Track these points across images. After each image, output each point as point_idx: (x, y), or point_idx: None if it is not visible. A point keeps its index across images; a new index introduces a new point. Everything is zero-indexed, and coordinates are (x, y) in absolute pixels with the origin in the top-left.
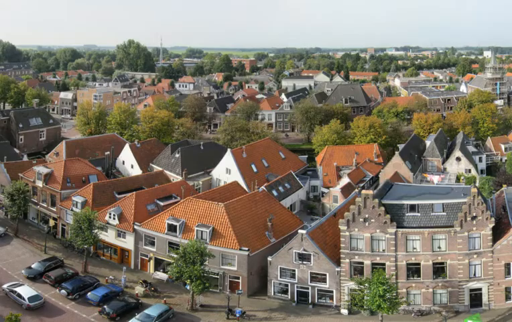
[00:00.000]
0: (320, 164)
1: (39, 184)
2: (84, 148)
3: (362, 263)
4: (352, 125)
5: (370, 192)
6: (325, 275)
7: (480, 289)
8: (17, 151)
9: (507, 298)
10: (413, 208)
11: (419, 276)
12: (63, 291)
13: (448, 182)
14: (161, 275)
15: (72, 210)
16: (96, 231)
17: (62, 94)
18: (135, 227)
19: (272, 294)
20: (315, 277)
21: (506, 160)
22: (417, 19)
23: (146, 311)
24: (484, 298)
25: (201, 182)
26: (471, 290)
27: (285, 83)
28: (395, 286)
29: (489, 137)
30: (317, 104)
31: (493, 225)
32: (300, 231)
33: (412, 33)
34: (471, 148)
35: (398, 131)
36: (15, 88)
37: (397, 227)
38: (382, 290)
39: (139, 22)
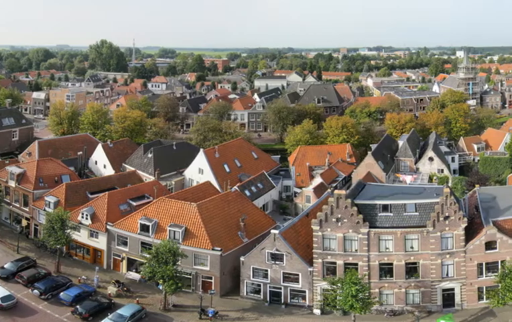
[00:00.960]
0: (292, 164)
1: (12, 184)
2: (56, 148)
3: (334, 263)
4: (325, 125)
5: (343, 192)
6: (297, 275)
7: (453, 289)
8: None
9: (480, 298)
10: (385, 208)
11: (391, 276)
12: (35, 291)
13: (421, 182)
14: (134, 275)
15: (44, 210)
16: (68, 231)
17: (35, 94)
18: (108, 227)
19: (245, 294)
20: (288, 277)
21: (478, 160)
22: (389, 19)
23: (119, 311)
24: (457, 298)
25: (173, 182)
26: (444, 290)
27: (258, 83)
28: (367, 286)
29: (462, 137)
30: (290, 104)
31: (466, 225)
32: (273, 231)
33: (385, 33)
34: (444, 148)
35: (371, 131)
36: None
37: (370, 227)
38: (354, 290)
39: (111, 22)
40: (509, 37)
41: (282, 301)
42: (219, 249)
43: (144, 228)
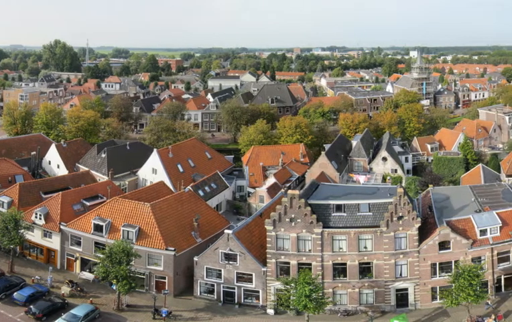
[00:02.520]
0: (246, 164)
1: None
2: (10, 148)
3: (288, 263)
4: (279, 125)
5: (297, 192)
6: (251, 275)
7: (407, 289)
8: None
9: (433, 298)
10: (339, 208)
11: (345, 276)
12: None
13: (374, 182)
14: (88, 275)
15: None
16: (22, 231)
17: None
18: (61, 227)
19: (198, 294)
20: (242, 277)
21: (432, 160)
22: (343, 19)
23: (72, 311)
24: (411, 298)
25: (127, 182)
26: (397, 290)
27: (212, 83)
28: (321, 286)
29: (415, 137)
30: (244, 104)
31: (419, 225)
32: (226, 231)
33: (338, 34)
34: (397, 148)
35: (324, 131)
36: None
37: (323, 227)
38: (308, 290)
39: (65, 22)
40: (463, 38)
41: (236, 301)
42: (173, 249)
43: (98, 228)
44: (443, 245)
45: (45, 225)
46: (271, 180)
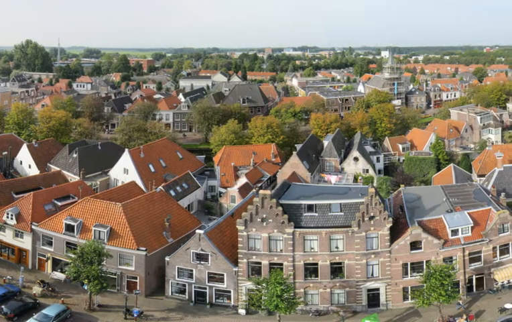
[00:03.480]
0: (217, 164)
1: None
2: None
3: (259, 263)
4: (250, 125)
5: (268, 192)
6: (223, 275)
7: (378, 289)
8: None
9: (405, 298)
10: (310, 208)
11: (316, 276)
12: None
13: (346, 182)
14: (59, 275)
15: None
16: None
17: None
18: (33, 227)
19: (170, 294)
20: (213, 277)
21: (403, 160)
22: (314, 19)
23: (44, 311)
24: (382, 298)
25: (99, 182)
26: (369, 290)
27: (183, 83)
28: (292, 286)
29: (387, 137)
30: (215, 104)
31: (391, 225)
32: (198, 231)
33: (310, 34)
34: (369, 148)
35: (296, 131)
36: None
37: (295, 227)
38: (279, 290)
39: (36, 22)
40: (434, 38)
41: (207, 301)
42: (144, 249)
43: (69, 228)
44: (414, 245)
45: (17, 225)
46: (243, 180)
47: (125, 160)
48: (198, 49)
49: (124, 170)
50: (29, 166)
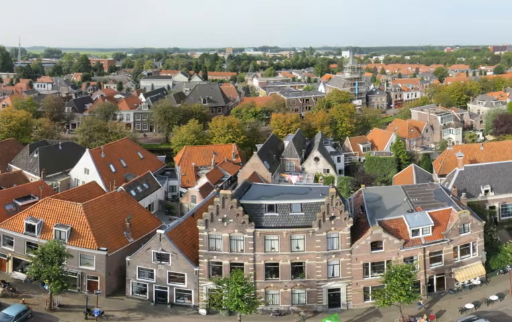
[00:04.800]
0: (178, 164)
1: None
2: None
3: (220, 263)
4: (211, 125)
5: (229, 192)
6: (183, 275)
7: (339, 289)
8: None
9: (365, 298)
10: (271, 208)
11: (277, 276)
12: None
13: (307, 182)
14: (20, 275)
15: None
16: None
17: None
18: None
19: (130, 294)
20: (174, 277)
21: (364, 160)
22: (275, 19)
23: (4, 311)
24: (343, 298)
25: (59, 182)
26: (329, 290)
27: (144, 83)
28: (253, 286)
29: (347, 137)
30: (176, 104)
31: (351, 225)
32: (158, 231)
33: (270, 33)
34: (329, 148)
35: (256, 131)
36: None
37: (256, 227)
38: (240, 290)
39: None
40: (395, 38)
41: (168, 301)
42: (105, 249)
43: (30, 228)
44: (375, 245)
45: None
46: (203, 180)
47: (86, 160)
48: (159, 49)
49: (85, 170)
50: None
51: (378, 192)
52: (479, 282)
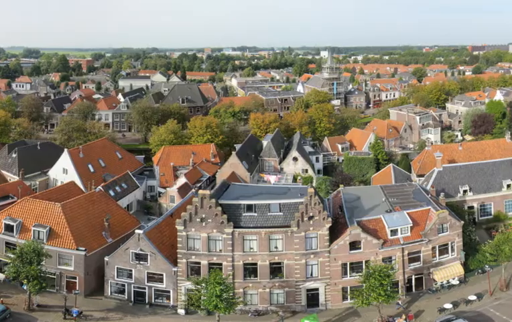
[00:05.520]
0: (156, 164)
1: None
2: None
3: (199, 263)
4: (189, 125)
5: (207, 192)
6: (162, 275)
7: (317, 289)
8: None
9: (344, 298)
10: (250, 208)
11: (256, 276)
12: None
13: (285, 182)
14: None
15: None
16: None
17: None
18: None
19: (109, 294)
20: (152, 277)
21: (343, 160)
22: (253, 19)
23: None
24: (321, 298)
25: (38, 182)
26: (308, 290)
27: (122, 83)
28: (231, 286)
29: (326, 137)
30: (154, 104)
31: (330, 225)
32: (137, 231)
33: (249, 33)
34: (308, 148)
35: (235, 131)
36: None
37: (234, 227)
38: (219, 290)
39: None
40: (373, 38)
41: (146, 301)
42: (83, 249)
43: (8, 228)
44: (354, 245)
45: None
46: (182, 180)
47: (64, 160)
48: (137, 49)
49: (63, 170)
50: None
51: (356, 192)
52: (458, 282)
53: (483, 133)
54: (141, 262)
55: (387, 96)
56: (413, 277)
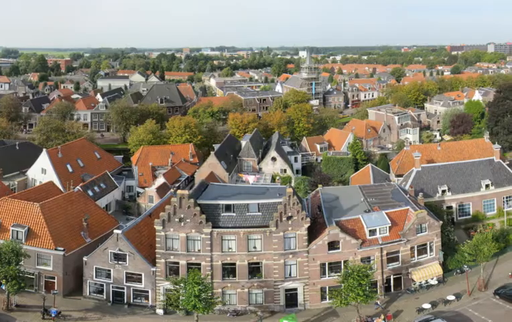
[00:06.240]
0: (135, 164)
1: None
2: None
3: (177, 263)
4: (168, 125)
5: (186, 192)
6: (140, 275)
7: (296, 289)
8: None
9: (323, 298)
10: (228, 208)
11: (234, 276)
12: None
13: (264, 182)
14: None
15: None
16: None
17: None
18: None
19: (88, 294)
20: (131, 277)
21: (321, 160)
22: (232, 19)
23: None
24: (300, 298)
25: (16, 182)
26: (286, 290)
27: (101, 83)
28: (210, 286)
29: (305, 137)
30: (133, 104)
31: (309, 225)
32: (115, 231)
33: (228, 33)
34: (287, 148)
35: (213, 131)
36: None
37: (213, 227)
38: (197, 290)
39: None
40: (352, 38)
41: (125, 301)
42: (62, 249)
43: None
44: (332, 245)
45: None
46: (161, 180)
47: (43, 160)
48: (116, 49)
49: (42, 170)
50: None
51: (335, 192)
52: (436, 282)
53: (462, 133)
54: (119, 262)
55: (365, 96)
56: (392, 277)
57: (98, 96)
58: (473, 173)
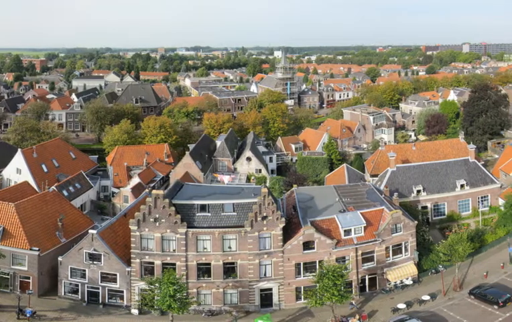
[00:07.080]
0: (110, 164)
1: None
2: None
3: (152, 263)
4: (143, 125)
5: (161, 192)
6: (115, 275)
7: (271, 289)
8: None
9: (298, 298)
10: (203, 208)
11: (209, 276)
12: None
13: (239, 182)
14: None
15: None
16: None
17: None
18: None
19: (62, 294)
20: (106, 277)
21: (296, 160)
22: (207, 19)
23: None
24: (275, 298)
25: None
26: (261, 290)
27: (76, 83)
28: (185, 286)
29: (280, 137)
30: (108, 104)
31: (284, 225)
32: (90, 231)
33: (203, 33)
34: (261, 148)
35: (188, 131)
36: None
37: (188, 227)
38: (172, 290)
39: None
40: (327, 38)
41: (100, 301)
42: (37, 249)
43: None
44: (307, 245)
45: None
46: (136, 180)
47: (18, 160)
48: (91, 49)
49: (17, 170)
50: None
51: (310, 192)
52: (411, 282)
53: (437, 133)
54: (94, 262)
55: (340, 96)
56: (367, 277)
57: (73, 96)
58: (448, 173)
